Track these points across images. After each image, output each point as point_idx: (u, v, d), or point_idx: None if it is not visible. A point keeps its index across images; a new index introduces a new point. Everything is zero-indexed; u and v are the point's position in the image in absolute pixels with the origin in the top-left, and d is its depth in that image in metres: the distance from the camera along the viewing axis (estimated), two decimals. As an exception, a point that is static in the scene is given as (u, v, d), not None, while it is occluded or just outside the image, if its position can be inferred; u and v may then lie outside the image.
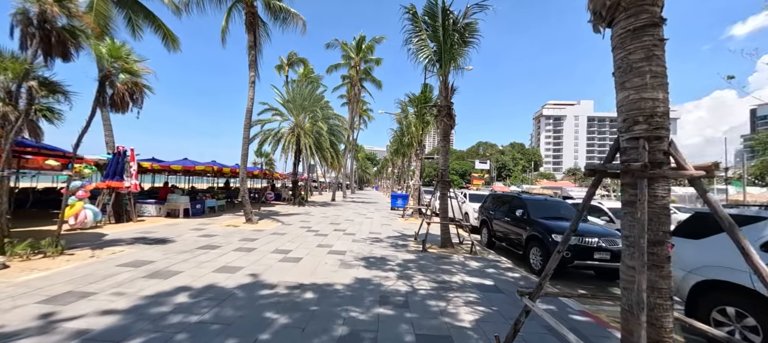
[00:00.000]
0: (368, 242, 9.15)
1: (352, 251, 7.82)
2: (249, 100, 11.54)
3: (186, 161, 13.10)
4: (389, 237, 10.31)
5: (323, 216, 15.51)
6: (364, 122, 48.07)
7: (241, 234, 9.41)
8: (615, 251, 6.64)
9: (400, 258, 7.38)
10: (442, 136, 9.08)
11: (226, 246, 7.68)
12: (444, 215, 9.03)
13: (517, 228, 8.39)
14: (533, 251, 7.42)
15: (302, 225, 11.96)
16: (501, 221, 9.36)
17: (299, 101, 20.98)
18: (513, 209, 8.89)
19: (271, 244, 8.22)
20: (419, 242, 9.51)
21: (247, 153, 11.57)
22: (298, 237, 9.40)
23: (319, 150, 20.90)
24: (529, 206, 8.33)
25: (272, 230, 10.39)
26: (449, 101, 9.08)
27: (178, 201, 12.11)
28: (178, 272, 5.45)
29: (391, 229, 12.22)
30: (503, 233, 9.18)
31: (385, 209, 22.21)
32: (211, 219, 12.37)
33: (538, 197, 9.23)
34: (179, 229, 9.80)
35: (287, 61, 31.22)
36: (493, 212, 10.10)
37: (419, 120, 16.25)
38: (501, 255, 8.63)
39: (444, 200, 9.06)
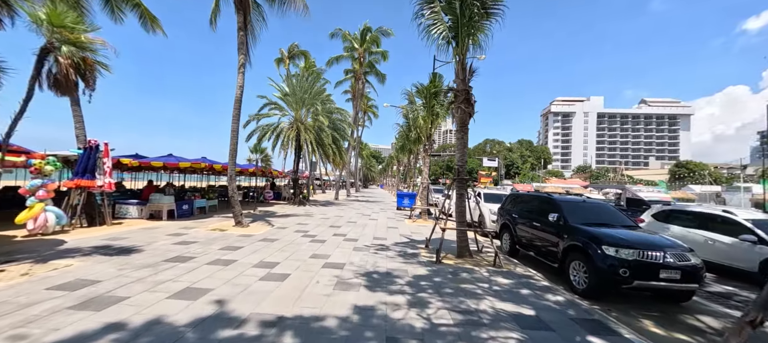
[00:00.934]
0: (372, 251, 7.82)
1: (353, 264, 6.48)
2: (238, 88, 10.26)
3: (170, 158, 11.89)
4: (396, 244, 8.97)
5: (323, 217, 14.21)
6: (368, 119, 46.81)
7: (224, 240, 8.14)
8: (687, 269, 5.22)
9: (410, 273, 6.04)
10: (459, 126, 7.70)
11: (201, 257, 6.40)
12: (461, 219, 7.66)
13: (549, 236, 6.99)
14: (575, 265, 6.02)
15: (298, 229, 10.67)
16: (527, 227, 7.96)
17: (299, 95, 19.69)
18: (543, 212, 7.48)
19: (257, 254, 6.92)
20: (431, 250, 8.16)
21: (236, 148, 10.30)
22: (290, 244, 8.10)
23: (320, 146, 19.61)
24: (564, 209, 6.91)
25: (262, 235, 9.11)
26: (467, 85, 7.70)
27: (161, 202, 10.90)
28: (122, 298, 4.17)
29: (397, 233, 10.88)
30: (530, 241, 7.78)
31: (390, 208, 20.88)
32: (198, 222, 11.13)
33: (573, 198, 7.82)
34: (155, 234, 8.57)
35: (288, 54, 29.94)
36: (517, 216, 8.70)
37: (428, 112, 14.85)
38: (528, 266, 7.24)
39: (461, 200, 7.68)
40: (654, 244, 5.50)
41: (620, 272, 5.20)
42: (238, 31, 10.27)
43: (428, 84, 14.66)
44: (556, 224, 6.79)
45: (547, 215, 7.19)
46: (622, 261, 5.26)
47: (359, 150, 48.63)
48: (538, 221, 7.53)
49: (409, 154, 32.13)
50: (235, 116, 10.26)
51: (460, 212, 7.66)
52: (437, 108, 14.87)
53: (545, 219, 7.25)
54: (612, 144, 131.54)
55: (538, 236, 7.43)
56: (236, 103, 10.25)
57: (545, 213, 7.37)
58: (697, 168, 70.93)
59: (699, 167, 71.49)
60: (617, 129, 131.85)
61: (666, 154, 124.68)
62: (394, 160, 56.84)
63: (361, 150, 61.10)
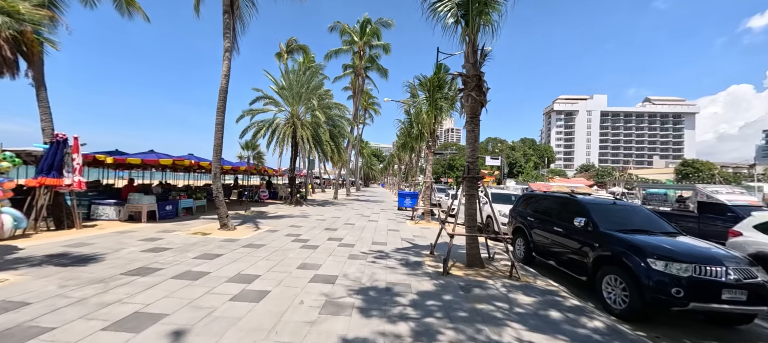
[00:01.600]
0: (370, 259, 6.87)
1: (346, 277, 5.54)
2: (223, 77, 9.31)
3: (151, 154, 10.96)
4: (397, 250, 8.02)
5: (320, 219, 13.28)
6: (369, 116, 45.86)
7: (204, 246, 7.20)
8: (754, 288, 4.25)
9: (414, 289, 5.09)
10: (470, 116, 6.73)
11: (169, 268, 5.47)
12: (471, 223, 6.70)
13: (575, 243, 6.03)
14: (609, 280, 5.05)
15: (290, 232, 9.73)
16: (546, 231, 7.00)
17: (296, 89, 18.73)
18: (566, 215, 6.52)
19: (236, 264, 5.99)
20: (437, 257, 7.21)
21: (221, 143, 9.37)
22: (277, 252, 7.16)
23: (317, 143, 18.66)
24: (593, 213, 5.95)
25: (248, 240, 8.17)
26: (479, 70, 6.73)
27: (140, 202, 9.97)
28: (44, 330, 3.24)
29: (399, 237, 9.93)
30: (550, 248, 6.82)
31: (391, 208, 19.94)
32: (181, 224, 10.21)
33: (600, 199, 6.85)
34: (127, 239, 7.64)
35: (286, 49, 28.97)
36: (533, 219, 7.74)
37: (431, 107, 13.87)
38: (549, 278, 6.28)
39: (471, 202, 6.72)
40: (711, 257, 4.53)
41: (672, 292, 4.23)
42: (223, 13, 9.31)
43: (432, 76, 13.69)
44: (584, 230, 5.83)
45: (571, 219, 6.23)
46: (674, 278, 4.30)
47: (360, 148, 47.71)
48: (560, 226, 6.57)
49: (410, 153, 31.16)
50: (220, 108, 9.32)
51: (471, 215, 6.70)
52: (441, 102, 13.89)
53: (569, 224, 6.29)
54: (615, 143, 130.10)
55: (561, 243, 6.47)
56: (221, 93, 9.30)
57: (569, 217, 6.41)
58: (703, 167, 69.75)
59: (706, 166, 70.30)
60: (621, 128, 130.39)
61: (670, 153, 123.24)
62: (395, 158, 55.89)
63: (362, 148, 60.17)
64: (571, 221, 6.18)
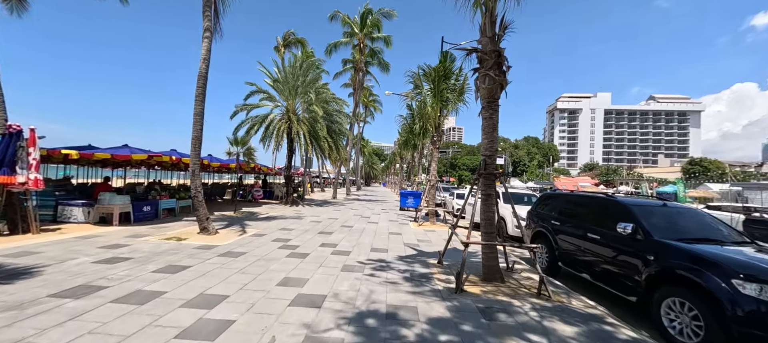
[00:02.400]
0: (367, 271, 5.77)
1: (337, 298, 4.43)
2: (202, 61, 8.22)
3: (123, 149, 9.86)
4: (400, 259, 6.91)
5: (314, 220, 12.19)
6: (370, 114, 44.77)
7: (172, 255, 6.12)
8: None
9: (422, 315, 3.99)
10: (487, 101, 5.61)
11: (117, 287, 4.39)
12: (489, 229, 5.58)
13: (619, 254, 4.92)
14: (671, 304, 3.94)
15: (279, 236, 8.64)
16: (577, 238, 5.89)
17: (291, 82, 17.63)
18: (604, 219, 5.41)
19: (203, 280, 4.89)
20: (447, 268, 6.11)
21: (200, 136, 8.28)
22: (257, 262, 6.06)
23: (314, 139, 17.55)
24: (642, 217, 4.82)
25: (227, 247, 7.08)
26: (498, 45, 5.61)
27: (111, 202, 8.90)
28: None
29: (401, 241, 8.82)
30: (582, 258, 5.71)
31: (393, 209, 18.83)
32: (158, 227, 9.14)
33: (646, 201, 5.71)
34: (84, 246, 6.56)
35: (283, 42, 27.84)
36: (558, 222, 6.63)
37: (437, 99, 12.75)
38: (583, 295, 5.16)
39: (488, 203, 5.60)
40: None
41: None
42: (203, -11, 8.22)
43: (437, 65, 12.56)
44: (631, 238, 4.71)
45: (611, 224, 5.12)
46: (777, 307, 3.19)
47: (361, 147, 46.61)
48: (596, 232, 5.45)
49: (412, 150, 30.04)
50: (199, 96, 8.22)
51: (488, 220, 5.58)
52: (448, 93, 12.78)
53: (609, 230, 5.17)
54: (619, 141, 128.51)
55: (598, 254, 5.35)
56: (200, 79, 8.21)
57: (608, 221, 5.30)
58: (711, 166, 68.31)
59: (714, 165, 68.86)
60: (625, 126, 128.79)
61: (675, 151, 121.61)
62: (396, 157, 54.75)
63: (363, 147, 59.06)
64: (612, 227, 5.07)
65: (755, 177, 61.93)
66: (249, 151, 13.38)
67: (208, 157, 13.72)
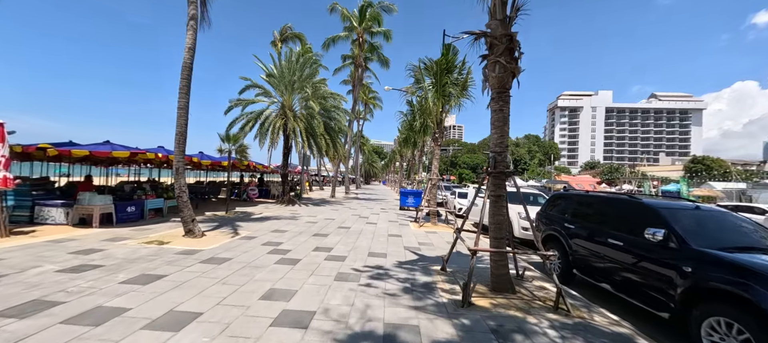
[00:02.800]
0: (364, 280, 5.20)
1: (328, 315, 3.87)
2: (186, 51, 7.63)
3: (105, 146, 9.23)
4: (400, 264, 6.34)
5: (310, 221, 11.63)
6: (370, 111, 44.15)
7: (149, 262, 5.55)
8: None
9: (425, 337, 3.42)
10: (497, 91, 5.03)
11: (75, 301, 3.82)
12: (499, 234, 5.00)
13: (648, 264, 4.35)
14: (715, 324, 3.39)
15: (270, 239, 8.07)
16: (595, 244, 5.32)
17: (288, 77, 17.04)
18: (630, 224, 4.85)
19: (176, 292, 4.33)
20: (451, 275, 5.54)
21: (184, 131, 7.69)
22: (242, 269, 5.49)
23: (311, 136, 16.97)
24: (675, 223, 4.25)
25: (212, 252, 6.52)
26: (509, 28, 5.02)
27: (91, 202, 8.33)
28: None
29: (401, 245, 8.26)
30: (602, 266, 5.15)
31: (392, 208, 18.27)
32: (141, 229, 8.57)
33: (679, 203, 5.13)
34: (55, 251, 6.00)
35: (280, 37, 27.18)
36: (572, 226, 6.07)
37: (438, 93, 12.16)
38: (604, 307, 4.60)
39: (498, 206, 5.03)
40: None
41: None
42: (187, -27, 7.62)
43: (439, 58, 11.96)
44: (663, 246, 4.14)
45: (636, 229, 4.56)
46: None
47: (360, 145, 46.02)
48: (618, 238, 4.88)
49: (413, 148, 29.46)
50: (183, 89, 7.63)
51: (498, 224, 5.01)
52: (450, 88, 12.18)
53: (634, 236, 4.61)
54: (620, 139, 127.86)
55: (621, 262, 4.78)
56: (184, 70, 7.62)
57: (632, 225, 4.74)
58: (714, 164, 67.76)
59: (716, 163, 68.31)
60: (626, 124, 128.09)
61: (676, 150, 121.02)
62: (396, 155, 54.16)
63: (362, 144, 58.44)
64: (638, 232, 4.51)
65: (758, 176, 61.46)
66: (242, 148, 12.75)
67: (199, 154, 13.15)
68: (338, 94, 19.58)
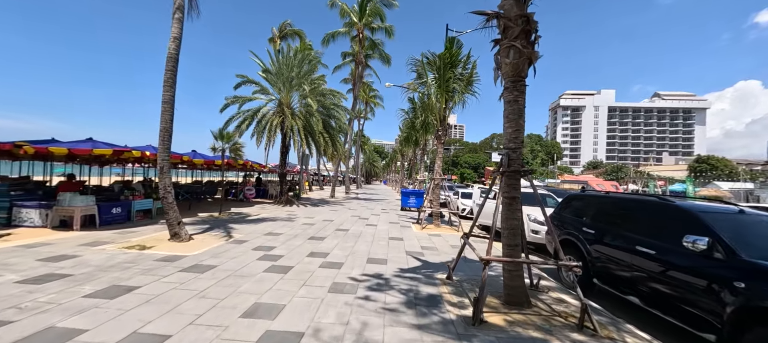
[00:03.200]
0: (361, 292, 4.65)
1: (318, 337, 3.32)
2: (171, 41, 7.08)
3: (86, 143, 8.71)
4: (402, 272, 5.79)
5: (307, 223, 11.08)
6: (371, 110, 43.64)
7: (124, 271, 5.01)
8: None
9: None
10: (512, 79, 4.47)
11: (26, 320, 3.28)
12: (513, 241, 4.44)
13: (686, 276, 3.78)
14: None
15: (262, 243, 7.53)
16: (623, 252, 4.75)
17: (285, 73, 16.50)
18: (664, 230, 4.28)
19: (145, 309, 3.78)
20: (459, 286, 4.98)
21: (169, 127, 7.15)
22: (227, 279, 4.95)
23: (309, 134, 16.43)
24: (721, 230, 3.68)
25: (196, 258, 5.97)
26: (525, 8, 4.46)
27: (72, 203, 7.80)
28: None
29: (403, 249, 7.70)
30: (629, 276, 4.58)
31: (393, 209, 17.71)
32: (125, 231, 8.04)
33: (720, 207, 4.54)
34: (23, 257, 5.46)
35: (279, 33, 26.63)
36: (592, 230, 5.51)
37: (442, 89, 11.59)
38: (633, 325, 4.03)
39: (513, 208, 4.47)
40: None
41: None
42: (172, -44, 7.08)
43: (443, 52, 11.41)
44: (706, 256, 3.58)
45: (671, 236, 4.01)
46: None
47: (361, 144, 45.46)
48: (649, 245, 4.31)
49: (414, 147, 28.90)
50: (169, 81, 7.09)
51: (512, 229, 4.45)
52: (454, 83, 11.61)
53: (669, 244, 4.05)
54: (623, 139, 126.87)
55: (652, 273, 4.21)
56: (169, 62, 7.07)
57: (666, 232, 4.18)
58: (719, 164, 66.94)
59: (721, 163, 67.49)
60: (629, 123, 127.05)
61: (680, 149, 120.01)
62: (398, 154, 53.57)
63: (363, 144, 57.90)
64: (673, 240, 3.95)
65: (763, 175, 60.62)
66: (236, 146, 12.21)
67: (192, 153, 12.62)
68: (338, 92, 19.04)
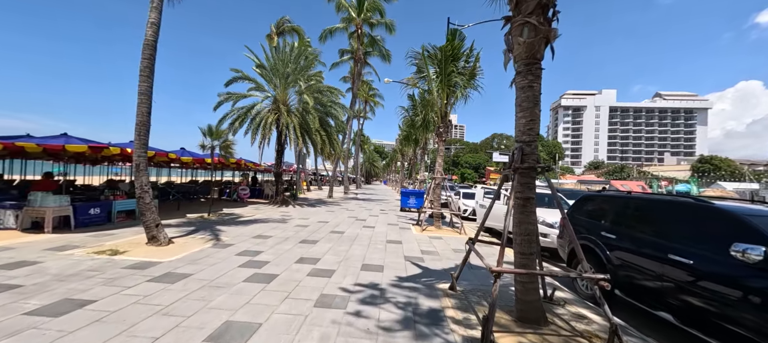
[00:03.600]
0: (352, 307, 4.05)
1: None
2: (149, 26, 6.49)
3: (59, 139, 8.10)
4: (400, 280, 5.19)
5: (301, 225, 10.49)
6: (371, 109, 43.09)
7: (84, 281, 4.42)
8: None
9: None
10: (525, 62, 3.87)
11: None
12: (528, 249, 3.84)
13: (735, 291, 3.18)
14: None
15: (248, 247, 6.93)
16: (652, 260, 4.14)
17: (281, 69, 15.92)
18: (703, 236, 3.68)
19: (91, 331, 3.18)
20: (463, 299, 4.38)
21: (146, 120, 6.55)
22: (197, 293, 4.35)
23: (305, 132, 15.83)
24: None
25: (171, 266, 5.38)
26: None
27: (43, 204, 7.21)
28: None
29: (401, 253, 7.10)
30: (657, 285, 3.98)
31: (393, 210, 17.11)
32: (100, 234, 7.45)
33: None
34: (-26, 265, 4.88)
35: (276, 30, 26.02)
36: (613, 235, 4.91)
37: (443, 84, 11.00)
38: None
39: (527, 210, 3.87)
40: None
41: None
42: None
43: (445, 44, 10.81)
44: (764, 268, 2.99)
45: (714, 244, 3.41)
46: None
47: (361, 144, 44.85)
48: (685, 254, 3.71)
49: (414, 146, 28.31)
50: (145, 71, 6.49)
51: (526, 235, 3.85)
52: (456, 77, 11.02)
53: (711, 253, 3.45)
54: (624, 139, 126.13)
55: (690, 287, 3.61)
56: (146, 49, 6.47)
57: (708, 239, 3.58)
58: (722, 164, 66.28)
59: (725, 163, 66.84)
60: (630, 124, 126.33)
61: (681, 149, 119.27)
62: (398, 154, 52.98)
63: (363, 144, 57.32)
64: (716, 248, 3.36)
65: (766, 175, 59.94)
66: (226, 144, 11.62)
67: (181, 151, 12.03)
68: (336, 89, 18.43)
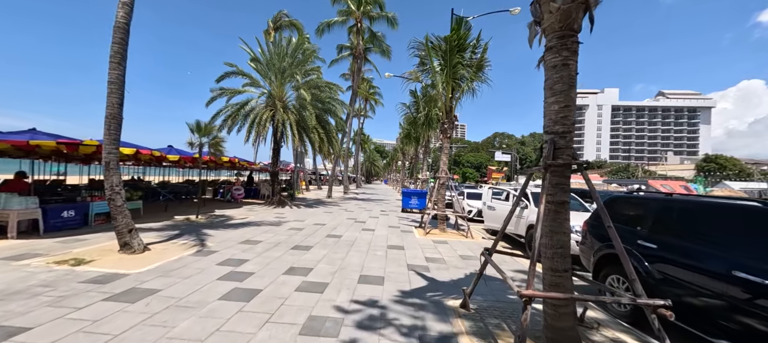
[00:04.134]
0: (346, 333, 3.33)
1: None
2: (120, 7, 5.77)
3: (26, 134, 7.36)
4: (403, 296, 4.47)
5: (296, 227, 9.78)
6: (371, 108, 42.40)
7: (30, 298, 3.72)
8: None
9: None
10: (558, 34, 3.14)
11: None
12: (560, 265, 3.12)
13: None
14: None
15: (232, 256, 6.22)
16: (708, 277, 3.43)
17: (277, 64, 15.21)
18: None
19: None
20: (479, 320, 3.66)
21: (117, 112, 5.85)
22: (159, 314, 3.63)
23: (302, 130, 15.13)
24: None
25: (138, 279, 4.67)
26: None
27: (7, 207, 6.51)
28: None
29: (404, 262, 6.38)
30: (714, 306, 3.26)
31: (394, 211, 16.39)
32: (69, 240, 6.76)
33: None
34: None
35: (274, 25, 25.29)
36: (656, 245, 4.19)
37: (448, 77, 10.27)
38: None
39: (560, 218, 3.16)
40: None
41: None
42: None
43: (449, 34, 10.09)
44: None
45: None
46: None
47: (362, 143, 44.14)
48: (757, 272, 2.99)
49: (416, 144, 27.56)
50: (116, 56, 5.78)
51: (560, 249, 3.13)
52: (461, 69, 10.29)
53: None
54: (627, 138, 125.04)
55: (759, 313, 2.89)
56: (117, 33, 5.76)
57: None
58: (728, 163, 65.42)
59: (730, 162, 65.98)
60: (632, 122, 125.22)
61: (684, 148, 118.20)
62: (398, 153, 52.26)
63: (364, 143, 56.61)
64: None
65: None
66: (216, 141, 10.90)
67: (168, 148, 11.34)
68: (334, 85, 17.69)
